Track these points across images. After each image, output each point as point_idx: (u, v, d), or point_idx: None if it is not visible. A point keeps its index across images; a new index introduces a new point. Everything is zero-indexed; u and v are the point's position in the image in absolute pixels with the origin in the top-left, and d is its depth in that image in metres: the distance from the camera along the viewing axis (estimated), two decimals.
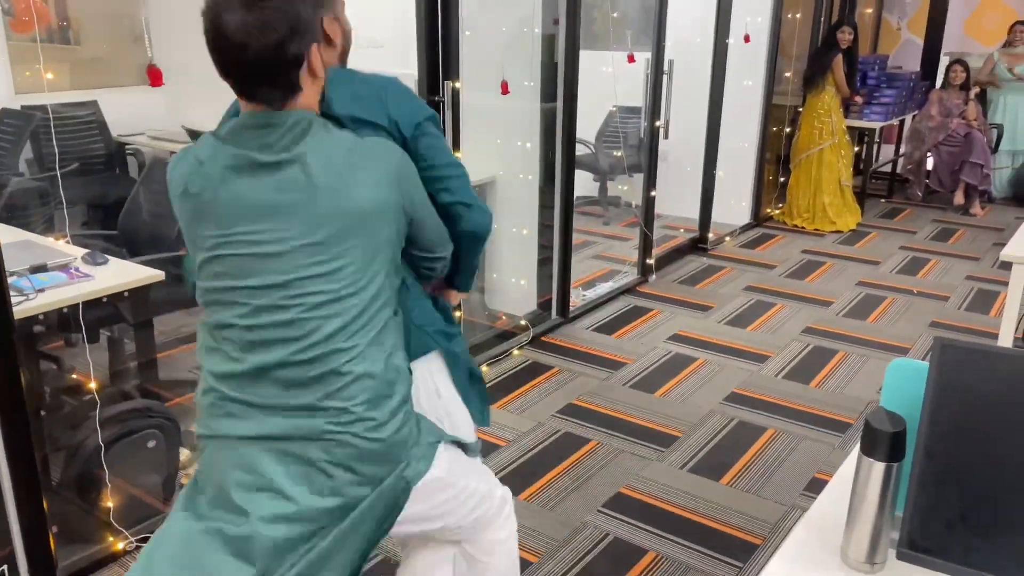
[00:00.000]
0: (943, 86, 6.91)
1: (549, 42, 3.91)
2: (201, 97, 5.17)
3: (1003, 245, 3.01)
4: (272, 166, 1.30)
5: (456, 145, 3.30)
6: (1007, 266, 2.94)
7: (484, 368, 3.76)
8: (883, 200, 7.11)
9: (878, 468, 1.13)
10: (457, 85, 3.25)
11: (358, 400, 1.33)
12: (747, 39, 5.63)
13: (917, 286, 4.97)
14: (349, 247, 1.32)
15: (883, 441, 1.13)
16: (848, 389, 3.61)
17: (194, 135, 4.42)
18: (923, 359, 1.25)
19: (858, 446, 1.18)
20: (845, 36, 5.88)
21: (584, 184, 6.29)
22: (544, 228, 4.21)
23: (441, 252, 1.56)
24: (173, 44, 5.46)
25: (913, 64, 7.75)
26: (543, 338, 4.14)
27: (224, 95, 1.41)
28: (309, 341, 1.31)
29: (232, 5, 1.24)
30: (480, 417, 1.74)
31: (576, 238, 5.82)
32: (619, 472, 2.96)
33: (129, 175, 5.21)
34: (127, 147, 5.31)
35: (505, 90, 3.52)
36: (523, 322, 4.13)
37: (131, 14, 5.51)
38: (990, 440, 1.15)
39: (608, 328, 4.30)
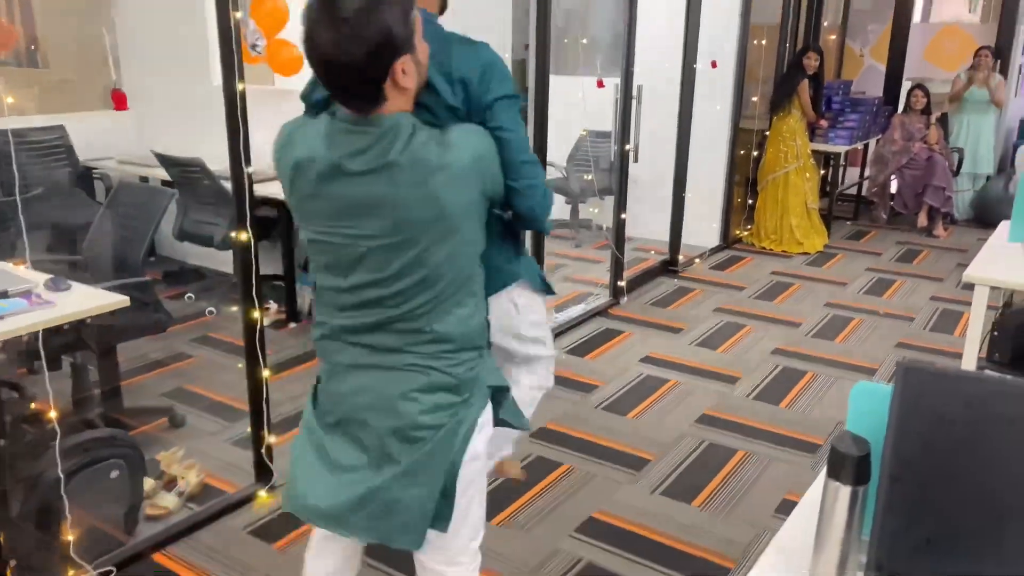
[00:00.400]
0: (905, 111, 7.07)
1: (520, 68, 3.95)
2: (169, 121, 5.17)
3: (966, 266, 3.07)
4: (363, 173, 1.42)
5: None
6: (971, 287, 3.00)
7: None
8: (849, 222, 7.23)
9: (844, 492, 1.14)
10: None
11: (439, 350, 1.52)
12: (714, 65, 5.72)
13: (883, 307, 5.04)
14: (435, 243, 1.45)
15: (849, 465, 1.14)
16: (818, 410, 3.64)
17: (164, 159, 4.39)
18: (889, 381, 1.26)
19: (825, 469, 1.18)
20: (811, 61, 6.00)
21: (556, 207, 6.32)
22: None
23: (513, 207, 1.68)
24: (142, 69, 5.45)
25: (876, 89, 7.93)
26: None
27: (191, 121, 1.41)
28: (399, 312, 1.49)
29: (324, 22, 1.35)
30: (544, 284, 2.09)
31: (548, 261, 5.86)
32: (592, 496, 2.95)
33: (96, 199, 5.14)
34: (94, 171, 5.24)
35: None
36: None
37: (99, 37, 5.47)
38: (955, 463, 1.16)
39: (581, 350, 4.30)
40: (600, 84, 4.65)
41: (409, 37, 1.39)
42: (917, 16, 8.27)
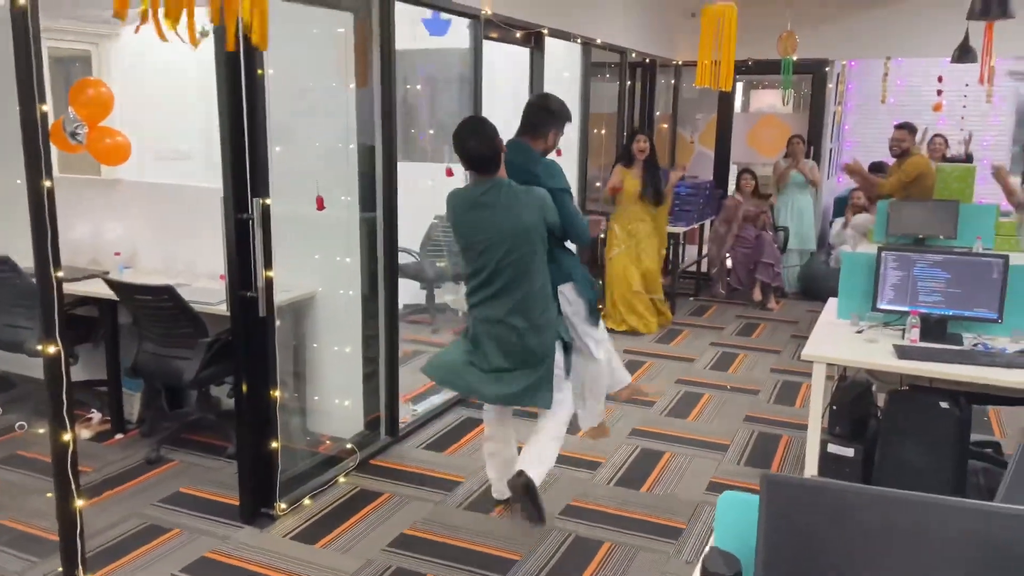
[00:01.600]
0: (736, 192, 7.59)
1: (366, 153, 3.87)
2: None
3: (800, 336, 3.23)
4: (486, 205, 3.06)
5: (268, 264, 3.11)
6: (808, 360, 3.14)
7: (307, 500, 3.47)
8: (691, 298, 7.58)
9: None
10: (267, 202, 3.09)
11: (534, 311, 3.14)
12: (559, 153, 5.90)
13: (729, 381, 5.24)
14: (525, 244, 3.06)
15: None
16: (678, 491, 3.66)
17: None
18: (755, 489, 1.22)
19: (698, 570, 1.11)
20: (640, 145, 6.07)
21: (412, 292, 6.22)
22: (370, 340, 4.05)
23: (564, 235, 3.36)
24: None
25: (706, 173, 8.50)
26: (372, 461, 3.91)
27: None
28: (503, 284, 3.11)
29: (469, 136, 3.07)
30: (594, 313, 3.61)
31: (404, 348, 5.69)
32: None
33: None
34: None
35: (320, 206, 3.41)
36: (349, 445, 3.89)
37: None
38: (822, 573, 1.13)
39: (440, 444, 4.15)
40: (449, 173, 4.65)
41: (502, 144, 3.11)
42: (739, 106, 9.00)
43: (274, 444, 3.30)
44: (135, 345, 3.87)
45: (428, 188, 5.14)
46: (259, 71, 3.04)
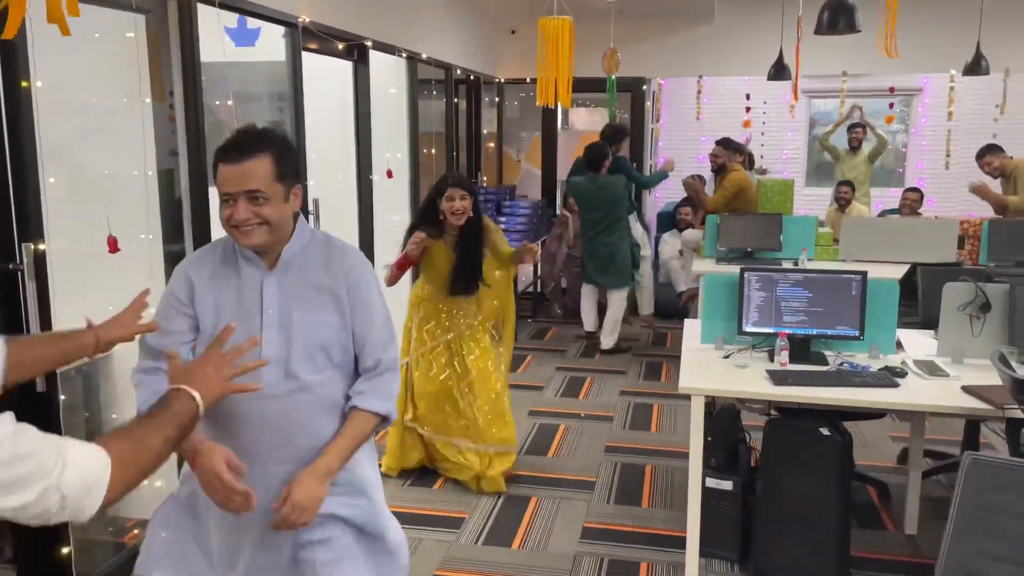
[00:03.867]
0: (565, 209, 7.51)
1: (169, 178, 3.27)
2: None
3: (641, 355, 3.03)
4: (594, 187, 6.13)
5: (46, 323, 2.47)
6: (652, 376, 2.94)
7: None
8: (530, 320, 7.40)
9: None
10: (41, 247, 2.45)
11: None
12: (390, 174, 5.49)
13: (582, 408, 5.05)
14: (615, 207, 6.12)
15: None
16: (551, 543, 3.35)
17: None
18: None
19: None
20: (455, 205, 3.66)
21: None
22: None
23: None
24: None
25: (535, 192, 8.39)
26: None
27: None
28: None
29: (589, 153, 6.16)
30: None
31: None
32: None
33: None
34: None
35: (113, 248, 2.78)
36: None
37: None
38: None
39: None
40: None
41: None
42: (559, 124, 9.01)
43: (65, 549, 2.62)
44: None
45: None
46: (23, 83, 2.40)
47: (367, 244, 5.13)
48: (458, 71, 6.61)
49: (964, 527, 1.63)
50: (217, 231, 3.46)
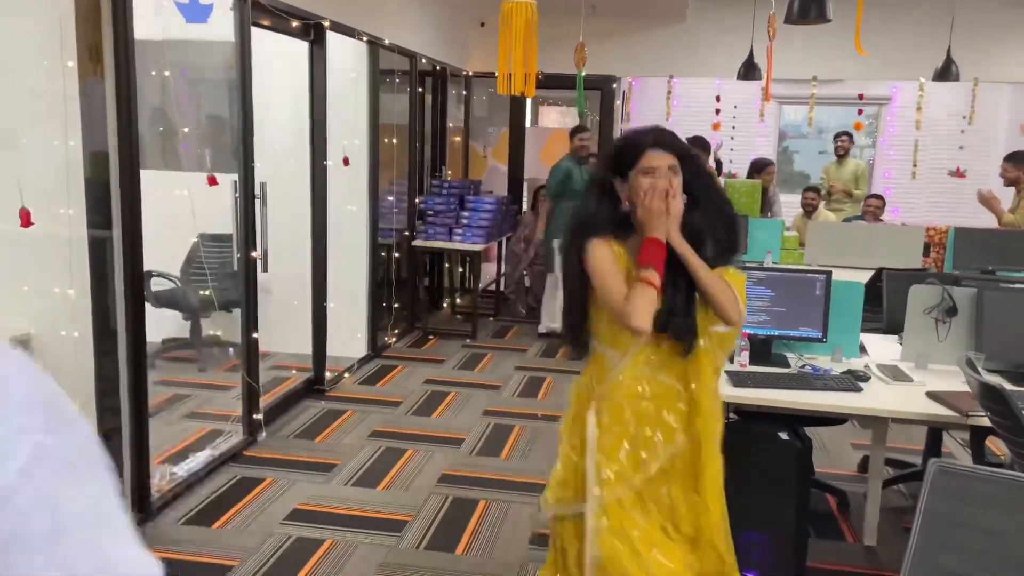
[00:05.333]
0: (532, 208, 7.36)
1: (97, 158, 3.04)
2: None
3: None
4: None
5: None
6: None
7: None
8: (491, 318, 7.23)
9: None
10: None
11: None
12: (346, 162, 5.29)
13: (539, 409, 4.89)
14: None
15: None
16: (497, 550, 3.18)
17: None
18: None
19: None
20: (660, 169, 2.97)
21: (173, 324, 5.27)
22: (107, 391, 3.19)
23: None
24: None
25: (501, 188, 8.22)
26: None
27: None
28: None
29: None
30: None
31: (162, 393, 4.78)
32: None
33: None
34: None
35: (27, 222, 2.56)
36: None
37: None
38: None
39: (207, 516, 3.36)
40: (212, 181, 3.88)
41: None
42: (528, 121, 8.85)
43: None
44: None
45: (186, 201, 4.31)
46: None
47: (319, 233, 4.93)
48: (423, 60, 6.42)
49: (929, 538, 1.50)
50: (150, 217, 3.26)
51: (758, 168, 6.92)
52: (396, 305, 6.22)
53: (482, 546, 3.20)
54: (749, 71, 5.98)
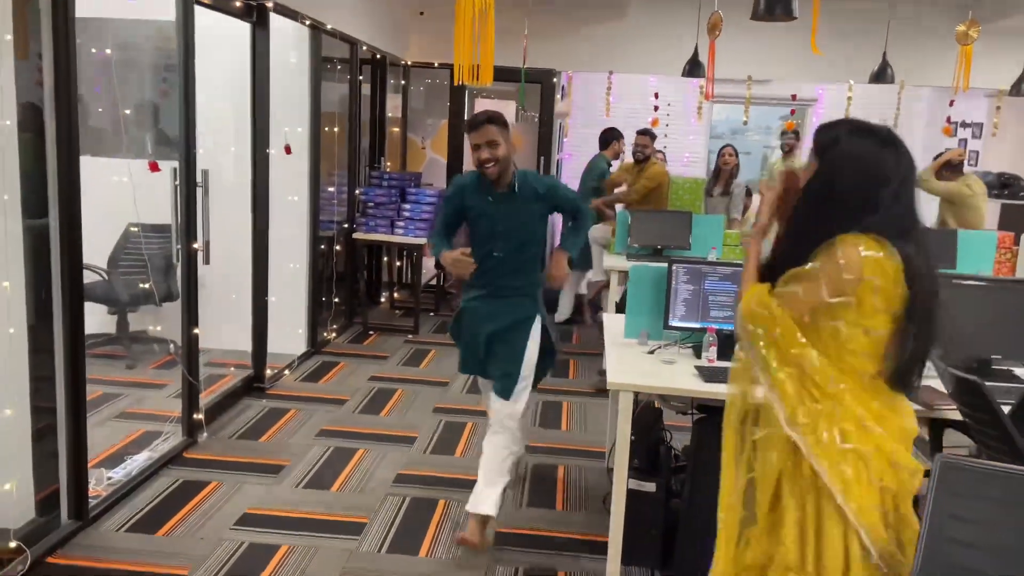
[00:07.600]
0: None
1: (31, 143, 2.81)
2: None
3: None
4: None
5: None
6: (561, 374, 2.77)
7: None
8: (432, 313, 7.11)
9: None
10: None
11: None
12: (288, 150, 5.09)
13: None
14: None
15: None
16: (462, 550, 3.10)
17: None
18: None
19: None
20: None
21: (99, 320, 4.97)
22: (42, 387, 2.96)
23: None
24: None
25: (440, 181, 8.10)
26: (50, 559, 2.84)
27: None
28: None
29: None
30: None
31: (90, 392, 4.50)
32: None
33: None
34: None
35: None
36: (13, 543, 2.77)
37: None
38: None
39: (150, 523, 3.16)
40: (154, 167, 3.66)
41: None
42: (467, 113, 8.75)
43: None
44: None
45: (120, 188, 4.06)
46: None
47: (261, 224, 4.72)
48: (364, 48, 6.24)
49: (938, 534, 1.51)
50: (89, 206, 3.03)
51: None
52: (336, 300, 6.04)
53: (445, 548, 3.12)
54: (694, 68, 6.05)
